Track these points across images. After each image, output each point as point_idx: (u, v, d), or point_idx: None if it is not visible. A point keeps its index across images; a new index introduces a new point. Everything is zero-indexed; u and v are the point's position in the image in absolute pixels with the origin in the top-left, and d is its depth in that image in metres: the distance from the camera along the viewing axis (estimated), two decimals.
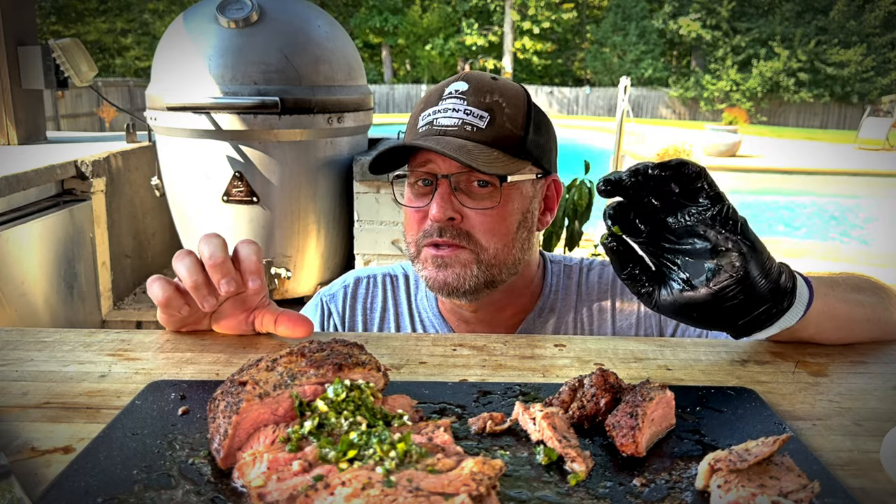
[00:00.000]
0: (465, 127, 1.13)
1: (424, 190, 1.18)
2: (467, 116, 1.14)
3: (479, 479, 0.54)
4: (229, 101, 3.30)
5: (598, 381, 0.72)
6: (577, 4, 35.99)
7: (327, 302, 1.36)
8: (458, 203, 1.14)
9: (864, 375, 0.88)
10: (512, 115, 1.16)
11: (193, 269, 0.90)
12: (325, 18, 3.70)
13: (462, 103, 1.15)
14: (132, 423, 0.69)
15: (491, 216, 1.15)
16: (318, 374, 0.68)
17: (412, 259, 1.22)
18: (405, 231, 1.24)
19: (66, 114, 17.47)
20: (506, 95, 1.17)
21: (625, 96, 7.71)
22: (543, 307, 1.29)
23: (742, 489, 0.56)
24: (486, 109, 1.15)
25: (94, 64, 4.07)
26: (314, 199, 3.64)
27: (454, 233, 1.14)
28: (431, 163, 1.15)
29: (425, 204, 1.16)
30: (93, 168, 3.37)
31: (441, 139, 1.12)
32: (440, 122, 1.15)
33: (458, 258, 1.15)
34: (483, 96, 1.15)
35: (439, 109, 1.16)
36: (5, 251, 2.78)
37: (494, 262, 1.17)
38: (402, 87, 33.89)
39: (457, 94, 1.16)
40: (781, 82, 31.24)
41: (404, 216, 1.23)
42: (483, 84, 1.17)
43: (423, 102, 1.21)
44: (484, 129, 1.14)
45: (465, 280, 1.15)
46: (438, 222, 1.13)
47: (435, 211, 1.12)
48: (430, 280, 1.17)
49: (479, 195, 1.15)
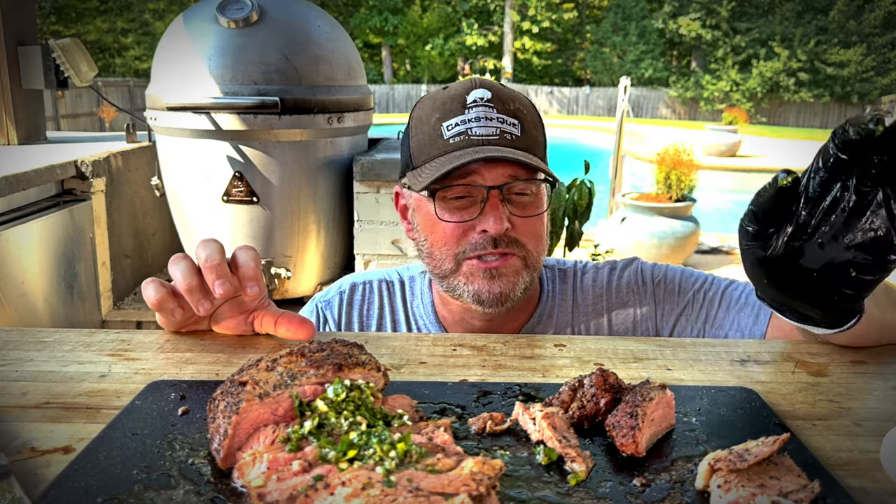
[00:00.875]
0: (505, 136, 1.12)
1: (461, 204, 1.14)
2: (502, 125, 1.12)
3: (479, 479, 0.54)
4: (229, 101, 3.30)
5: (598, 381, 0.72)
6: (577, 4, 35.99)
7: (323, 308, 1.34)
8: (508, 213, 1.13)
9: (864, 375, 0.88)
10: (534, 122, 1.17)
11: (188, 273, 0.90)
12: (325, 18, 3.70)
13: (492, 111, 1.13)
14: (132, 423, 0.69)
15: (535, 222, 1.16)
16: (318, 374, 0.68)
17: (446, 274, 1.17)
18: (437, 246, 1.17)
19: (66, 114, 17.47)
20: (523, 103, 1.18)
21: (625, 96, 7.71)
22: (542, 313, 1.29)
23: (742, 489, 0.56)
24: (514, 117, 1.14)
25: (94, 64, 4.07)
26: (314, 199, 3.64)
27: (507, 242, 1.13)
28: (475, 174, 1.11)
29: (469, 217, 1.13)
30: (93, 168, 3.37)
31: (490, 149, 1.10)
32: (477, 132, 1.11)
33: (511, 266, 1.14)
34: (507, 103, 1.14)
35: (470, 119, 1.12)
36: (5, 251, 2.78)
37: (536, 265, 1.18)
38: (402, 87, 33.88)
39: (483, 102, 1.13)
40: (781, 82, 31.23)
41: (436, 232, 1.16)
42: (502, 91, 1.16)
43: (437, 111, 1.15)
44: (520, 137, 1.13)
45: (517, 288, 1.15)
46: (498, 234, 1.11)
47: (493, 224, 1.10)
48: (482, 293, 1.14)
49: (521, 203, 1.15)
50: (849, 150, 0.70)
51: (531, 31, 34.65)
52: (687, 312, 1.25)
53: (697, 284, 1.27)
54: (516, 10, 34.41)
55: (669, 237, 6.76)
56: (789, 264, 0.79)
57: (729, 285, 1.26)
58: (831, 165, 0.73)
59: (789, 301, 0.84)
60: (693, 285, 1.27)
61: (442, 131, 1.14)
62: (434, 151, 1.14)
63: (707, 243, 7.71)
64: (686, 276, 1.28)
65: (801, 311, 0.86)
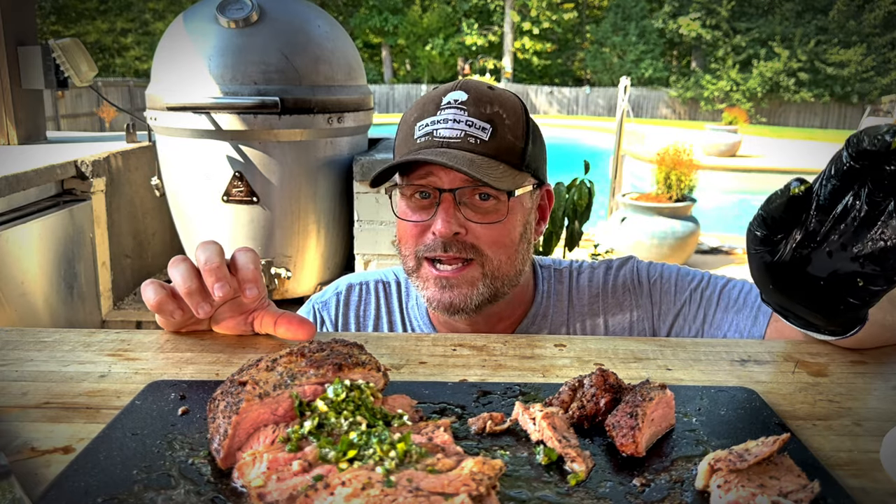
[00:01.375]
0: (469, 139, 1.10)
1: (422, 203, 1.14)
2: (469, 128, 1.10)
3: (479, 479, 0.54)
4: (229, 101, 3.30)
5: (598, 381, 0.72)
6: (577, 4, 35.99)
7: (319, 309, 1.34)
8: (462, 217, 1.11)
9: (864, 375, 0.88)
10: (512, 127, 1.14)
11: (188, 276, 0.90)
12: (325, 18, 3.70)
13: (463, 114, 1.11)
14: (132, 423, 0.69)
15: (496, 229, 1.13)
16: (318, 374, 0.68)
17: (410, 272, 1.18)
18: (400, 243, 1.19)
19: (66, 114, 17.47)
20: (505, 107, 1.14)
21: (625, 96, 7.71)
22: (536, 314, 1.28)
23: (742, 489, 0.56)
24: (487, 121, 1.11)
25: (94, 64, 4.07)
26: (314, 199, 3.64)
27: (459, 246, 1.12)
28: (433, 175, 1.11)
29: (427, 218, 1.13)
30: (93, 168, 3.37)
31: (445, 152, 1.09)
32: (441, 134, 1.11)
33: (464, 277, 1.12)
34: (483, 107, 1.12)
35: (439, 120, 1.12)
36: (5, 251, 2.78)
37: (499, 274, 1.15)
38: (402, 87, 33.88)
39: (456, 104, 1.12)
40: (781, 82, 31.23)
41: (399, 227, 1.19)
42: (482, 94, 1.13)
43: (417, 110, 1.16)
44: (487, 142, 1.11)
45: (472, 299, 1.13)
46: (444, 238, 1.10)
47: (441, 226, 1.09)
48: (434, 301, 1.14)
49: (482, 208, 1.13)
50: (862, 159, 0.70)
51: (531, 31, 34.65)
52: (684, 312, 1.24)
53: (694, 283, 1.26)
54: (517, 10, 34.40)
55: (669, 237, 6.76)
56: (796, 271, 0.79)
57: (726, 284, 1.25)
58: (844, 173, 0.72)
59: (794, 307, 0.84)
60: (690, 284, 1.26)
61: (414, 130, 1.14)
62: (404, 149, 1.16)
63: (707, 243, 7.72)
64: (682, 275, 1.28)
65: (806, 318, 0.85)
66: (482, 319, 1.22)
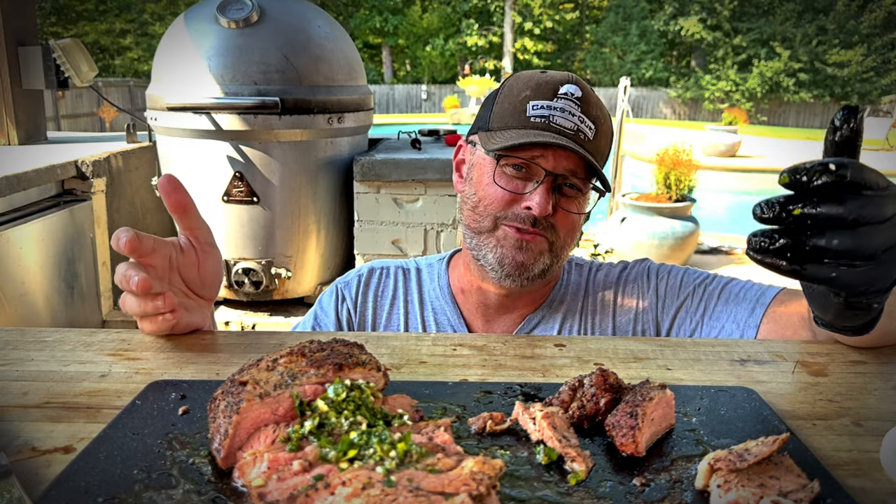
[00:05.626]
0: (580, 133, 1.18)
1: (516, 174, 1.20)
2: (581, 123, 1.18)
3: (479, 479, 0.54)
4: (229, 101, 3.30)
5: (598, 381, 0.72)
6: (577, 5, 35.98)
7: (342, 288, 1.41)
8: (554, 201, 1.19)
9: (864, 375, 0.88)
10: (607, 132, 1.23)
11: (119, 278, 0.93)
12: (325, 18, 3.70)
13: (577, 108, 1.19)
14: (132, 423, 0.69)
15: (574, 218, 1.23)
16: (319, 373, 0.68)
17: (481, 231, 1.23)
18: (482, 203, 1.23)
19: (67, 114, 17.47)
20: (604, 113, 1.24)
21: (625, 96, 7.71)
22: (554, 299, 1.35)
23: (742, 489, 0.56)
24: (593, 121, 1.20)
25: (94, 64, 4.08)
26: (314, 199, 3.64)
27: (545, 225, 1.20)
28: (541, 157, 1.18)
29: (523, 191, 1.19)
30: (93, 168, 3.37)
31: (564, 139, 1.16)
32: (558, 122, 1.17)
33: (538, 244, 1.20)
34: (592, 107, 1.20)
35: (556, 107, 1.18)
36: (5, 251, 2.78)
37: (561, 255, 1.25)
38: (402, 87, 33.87)
39: (572, 97, 1.19)
40: (782, 82, 31.22)
41: (486, 190, 1.22)
42: (590, 95, 1.22)
43: (528, 89, 1.21)
44: (592, 140, 1.19)
45: (537, 265, 1.21)
46: (540, 216, 1.18)
47: (540, 205, 1.16)
48: (506, 258, 1.20)
49: (569, 196, 1.21)
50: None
51: (532, 31, 34.64)
52: (686, 305, 1.28)
53: (699, 280, 1.31)
54: (517, 10, 34.39)
55: (669, 237, 6.76)
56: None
57: (729, 281, 1.29)
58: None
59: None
60: (694, 280, 1.31)
61: (527, 108, 1.20)
62: (513, 123, 1.20)
63: (707, 243, 7.71)
64: (689, 273, 1.34)
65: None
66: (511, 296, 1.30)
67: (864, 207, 0.64)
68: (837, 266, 0.65)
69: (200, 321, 1.02)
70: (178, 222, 1.02)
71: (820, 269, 0.65)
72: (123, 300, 0.96)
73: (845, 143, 0.67)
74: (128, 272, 0.92)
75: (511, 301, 1.31)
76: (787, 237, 0.65)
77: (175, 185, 0.99)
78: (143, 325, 0.97)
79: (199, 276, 1.02)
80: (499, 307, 1.32)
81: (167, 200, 0.99)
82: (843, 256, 0.64)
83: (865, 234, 0.64)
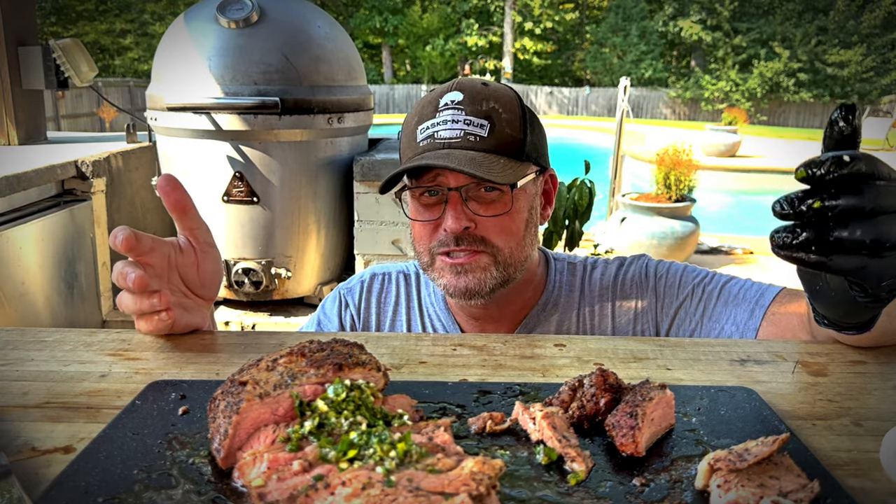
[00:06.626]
0: (468, 137, 1.15)
1: (431, 200, 1.20)
2: (468, 126, 1.15)
3: (479, 479, 0.54)
4: (229, 101, 3.30)
5: (597, 381, 0.72)
6: (577, 5, 35.97)
7: (345, 294, 1.41)
8: (470, 212, 1.16)
9: (864, 375, 0.88)
10: (510, 120, 1.18)
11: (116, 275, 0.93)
12: (325, 18, 3.70)
13: (460, 114, 1.16)
14: (132, 423, 0.69)
15: (503, 220, 1.18)
16: (319, 373, 0.68)
17: (425, 268, 1.24)
18: (415, 241, 1.25)
19: (67, 114, 17.47)
20: (500, 101, 1.18)
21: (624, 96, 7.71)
22: (547, 302, 1.32)
23: (742, 489, 0.56)
24: (484, 117, 1.16)
25: (94, 64, 4.08)
26: (314, 199, 3.64)
27: (470, 240, 1.17)
28: (441, 176, 1.16)
29: (436, 216, 1.18)
30: (93, 168, 3.37)
31: (448, 153, 1.13)
32: (442, 135, 1.15)
33: (477, 263, 1.18)
34: (479, 104, 1.16)
35: (438, 122, 1.16)
36: (5, 251, 2.78)
37: (510, 261, 1.20)
38: (402, 87, 33.86)
39: (453, 104, 1.16)
40: (781, 83, 31.20)
41: (413, 228, 1.24)
42: (477, 92, 1.18)
43: (416, 114, 1.21)
44: (486, 138, 1.15)
45: (486, 283, 1.18)
46: (455, 233, 1.16)
47: (451, 223, 1.15)
48: (451, 287, 1.19)
49: (488, 201, 1.18)
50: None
51: (533, 31, 34.63)
52: (686, 305, 1.27)
53: (698, 279, 1.30)
54: (518, 10, 34.38)
55: (669, 237, 6.76)
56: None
57: (728, 281, 1.28)
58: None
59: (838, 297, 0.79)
60: (693, 279, 1.30)
61: (417, 134, 1.19)
62: (409, 153, 1.20)
63: (707, 243, 7.71)
64: (688, 272, 1.32)
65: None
66: (495, 302, 1.27)
67: (881, 197, 0.64)
68: (864, 256, 0.66)
69: (200, 321, 1.02)
70: (178, 222, 1.02)
71: (848, 259, 0.66)
72: (120, 298, 0.96)
73: (846, 140, 0.67)
74: (124, 269, 0.92)
75: (497, 309, 1.30)
76: (809, 231, 0.66)
77: (174, 185, 0.99)
78: (140, 325, 0.97)
79: (198, 275, 1.02)
80: (488, 317, 1.31)
81: (166, 200, 0.99)
82: (866, 247, 0.65)
83: (886, 223, 0.65)
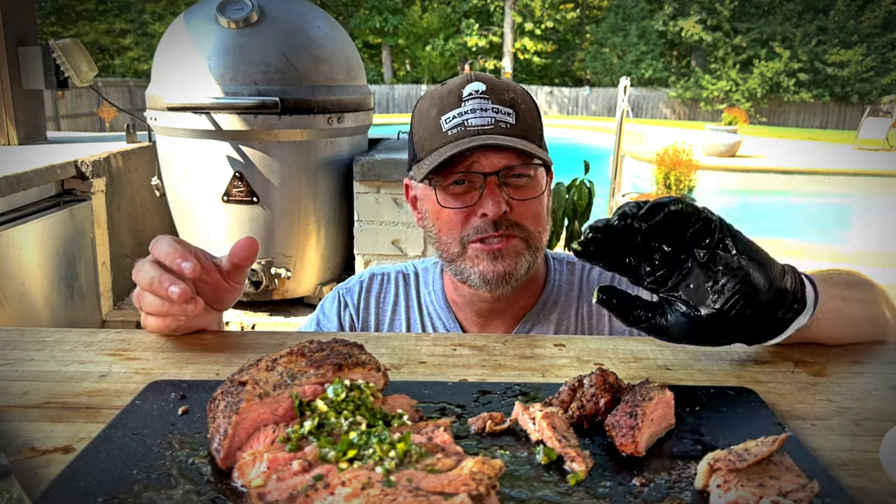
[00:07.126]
0: (500, 124, 1.18)
1: (460, 189, 1.21)
2: (497, 114, 1.18)
3: (478, 479, 0.54)
4: (229, 101, 3.30)
5: (597, 381, 0.72)
6: (577, 5, 35.97)
7: (344, 294, 1.42)
8: (506, 196, 1.19)
9: (863, 375, 0.88)
10: (529, 110, 1.23)
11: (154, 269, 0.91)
12: (325, 18, 3.70)
13: (487, 102, 1.19)
14: (132, 423, 0.69)
15: (533, 204, 1.22)
16: (318, 374, 0.68)
17: (453, 258, 1.24)
18: (442, 232, 1.24)
19: (66, 114, 17.46)
20: (517, 92, 1.23)
21: (624, 96, 7.71)
22: (547, 300, 1.34)
23: (741, 489, 0.56)
24: (509, 106, 1.20)
25: (94, 64, 4.08)
26: (314, 199, 3.64)
27: (507, 224, 1.19)
28: (474, 162, 1.18)
29: (470, 203, 1.20)
30: (93, 168, 3.37)
31: (487, 138, 1.16)
32: (473, 123, 1.17)
33: (513, 247, 1.20)
34: (502, 94, 1.20)
35: (465, 111, 1.18)
36: (5, 251, 2.78)
37: (539, 245, 1.24)
38: (402, 87, 33.86)
39: (478, 94, 1.19)
40: (781, 82, 31.20)
41: (440, 218, 1.23)
42: (497, 83, 1.22)
43: (435, 105, 1.22)
44: (514, 125, 1.19)
45: (521, 266, 1.21)
46: (496, 217, 1.17)
47: (492, 207, 1.16)
48: (488, 273, 1.20)
49: (519, 186, 1.21)
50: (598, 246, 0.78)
51: (533, 31, 34.62)
52: None
53: None
54: (517, 10, 34.37)
55: None
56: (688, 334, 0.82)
57: None
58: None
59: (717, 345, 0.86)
60: None
61: (441, 124, 1.20)
62: (434, 144, 1.21)
63: None
64: None
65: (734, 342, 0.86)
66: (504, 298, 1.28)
67: None
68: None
69: (205, 325, 1.02)
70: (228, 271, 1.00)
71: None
72: (140, 296, 0.94)
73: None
74: (162, 278, 0.90)
75: (505, 305, 1.31)
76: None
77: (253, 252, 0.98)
78: (151, 322, 0.96)
79: (218, 296, 1.01)
80: (491, 313, 1.32)
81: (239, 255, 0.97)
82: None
83: None
